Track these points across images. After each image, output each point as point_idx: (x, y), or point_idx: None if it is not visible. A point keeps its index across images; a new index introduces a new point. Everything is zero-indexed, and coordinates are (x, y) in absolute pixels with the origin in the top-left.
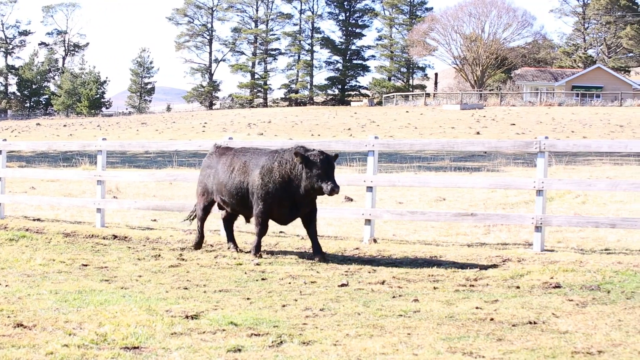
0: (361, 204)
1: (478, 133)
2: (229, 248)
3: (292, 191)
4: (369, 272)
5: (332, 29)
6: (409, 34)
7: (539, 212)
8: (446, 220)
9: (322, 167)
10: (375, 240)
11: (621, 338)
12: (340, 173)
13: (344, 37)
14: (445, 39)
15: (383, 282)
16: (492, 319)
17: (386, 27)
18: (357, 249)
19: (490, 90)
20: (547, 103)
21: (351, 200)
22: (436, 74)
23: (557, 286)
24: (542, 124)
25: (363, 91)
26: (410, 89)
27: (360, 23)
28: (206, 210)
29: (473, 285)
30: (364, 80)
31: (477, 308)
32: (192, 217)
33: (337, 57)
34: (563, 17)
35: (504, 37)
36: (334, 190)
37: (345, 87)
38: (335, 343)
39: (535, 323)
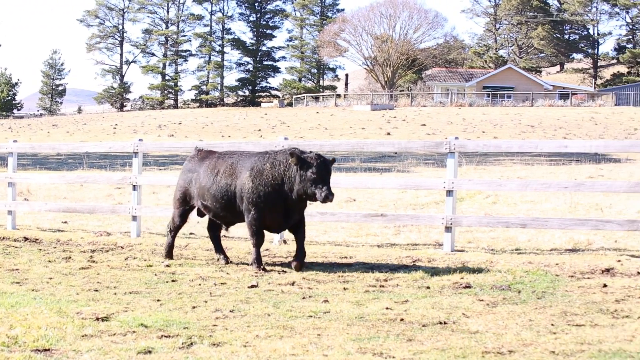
0: None
1: (389, 134)
2: (217, 259)
3: (284, 196)
4: (279, 273)
5: (242, 30)
6: (319, 34)
7: (449, 213)
8: (356, 221)
9: (318, 171)
10: (285, 242)
11: (532, 338)
12: None
13: (255, 38)
14: (356, 40)
15: (293, 283)
16: (402, 320)
17: (297, 28)
18: (267, 250)
19: (401, 91)
20: (458, 103)
21: None
22: (347, 75)
23: (468, 286)
24: (453, 125)
25: (274, 92)
26: (321, 90)
27: (271, 24)
28: (184, 217)
29: (383, 286)
30: (274, 81)
31: (387, 308)
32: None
33: (247, 58)
34: (474, 18)
35: (415, 38)
36: (328, 197)
37: (256, 88)
38: (245, 344)
39: (445, 323)
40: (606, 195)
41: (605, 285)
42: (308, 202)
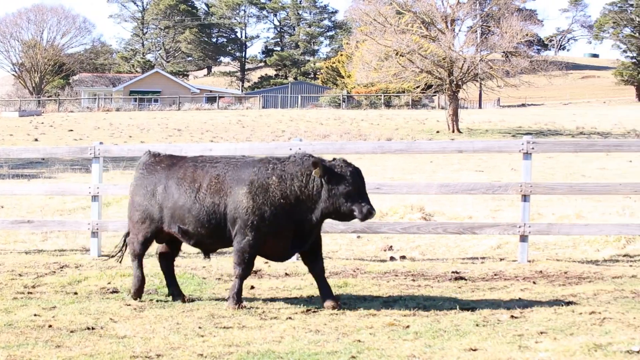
0: None
1: (36, 140)
2: (170, 296)
3: (299, 216)
4: None
5: None
6: None
7: (95, 218)
8: (3, 228)
9: (353, 183)
10: None
11: (180, 341)
12: None
13: None
14: (4, 46)
15: None
16: (50, 326)
17: None
18: None
19: (49, 97)
20: (105, 108)
21: None
22: None
23: (115, 291)
24: (100, 130)
25: None
26: None
27: None
28: (146, 245)
29: (31, 293)
30: None
31: (35, 315)
32: (120, 254)
33: None
34: (122, 23)
35: (62, 44)
36: (371, 213)
37: None
38: None
39: (93, 328)
40: None
41: (252, 287)
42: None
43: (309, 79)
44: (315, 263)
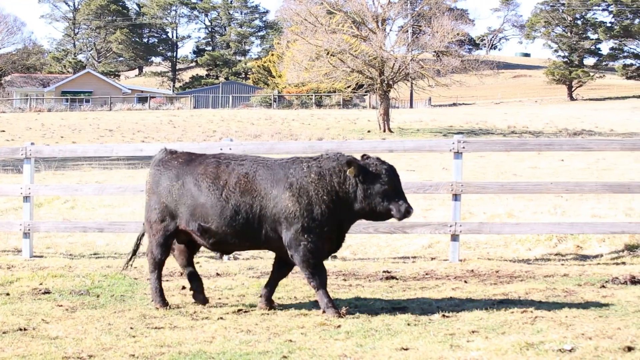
0: None
1: None
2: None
3: (340, 217)
4: None
5: None
6: None
7: (27, 219)
8: None
9: (389, 181)
10: None
11: (112, 342)
12: None
13: None
14: None
15: None
16: None
17: None
18: None
19: None
20: (37, 109)
21: None
22: None
23: (47, 292)
24: (33, 130)
25: None
26: None
27: None
28: (166, 247)
29: None
30: None
31: None
32: (132, 258)
33: None
34: (54, 23)
35: None
36: (409, 212)
37: None
38: None
39: (25, 330)
40: None
41: (184, 287)
42: None
43: (240, 79)
44: (285, 266)
